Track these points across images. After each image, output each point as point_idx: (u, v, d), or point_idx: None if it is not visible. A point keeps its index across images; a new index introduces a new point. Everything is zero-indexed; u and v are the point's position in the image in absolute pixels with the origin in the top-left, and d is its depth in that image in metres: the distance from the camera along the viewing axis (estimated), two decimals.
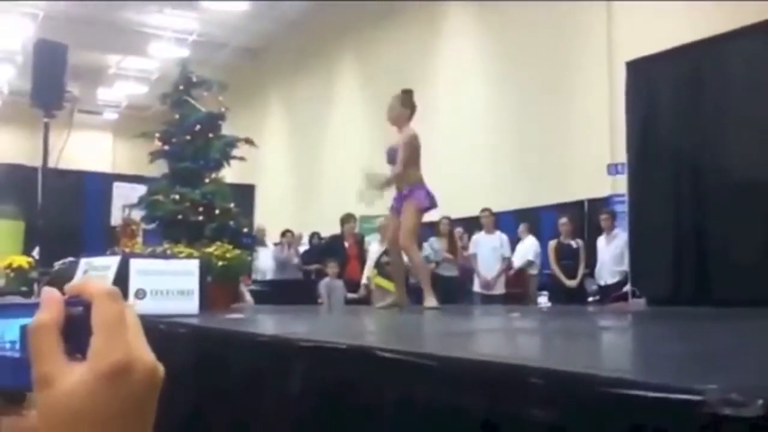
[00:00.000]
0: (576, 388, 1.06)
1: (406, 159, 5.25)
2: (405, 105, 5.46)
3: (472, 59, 13.82)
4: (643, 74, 6.66)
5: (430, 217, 9.66)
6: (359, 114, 16.07)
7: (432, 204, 5.35)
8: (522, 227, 10.18)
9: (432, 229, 10.04)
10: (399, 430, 1.38)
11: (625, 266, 8.02)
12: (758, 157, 5.63)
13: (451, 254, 9.66)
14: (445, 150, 12.53)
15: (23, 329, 0.56)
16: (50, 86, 6.35)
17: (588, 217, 10.40)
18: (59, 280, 4.74)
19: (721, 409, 0.86)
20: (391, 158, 5.40)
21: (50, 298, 0.55)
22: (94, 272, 4.05)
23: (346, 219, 10.45)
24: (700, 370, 1.44)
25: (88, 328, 0.54)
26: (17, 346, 0.57)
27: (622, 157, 7.70)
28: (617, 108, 8.23)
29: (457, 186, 11.86)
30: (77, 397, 0.52)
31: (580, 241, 9.30)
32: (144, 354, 0.55)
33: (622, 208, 8.21)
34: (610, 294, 8.51)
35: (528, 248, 9.97)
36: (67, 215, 8.89)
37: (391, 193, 5.48)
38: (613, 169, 9.93)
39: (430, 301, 5.21)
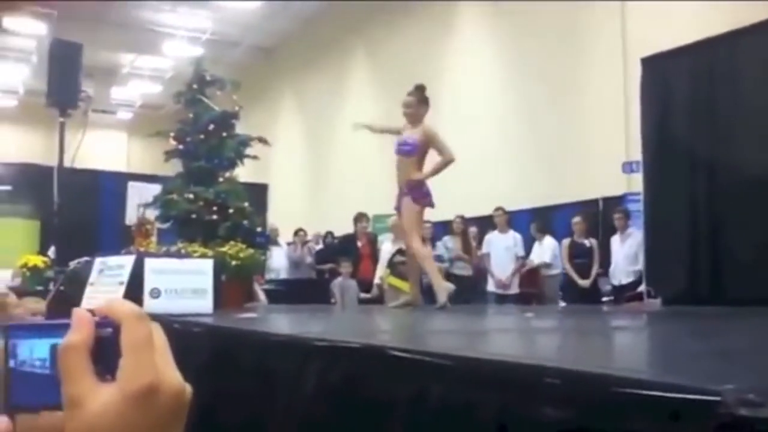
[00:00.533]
0: (591, 388, 1.05)
1: (444, 149, 5.46)
2: (424, 102, 5.54)
3: (484, 57, 13.78)
4: (658, 71, 6.62)
5: (443, 215, 9.70)
6: (371, 112, 16.04)
7: (428, 202, 5.43)
8: (534, 227, 10.09)
9: (446, 227, 10.03)
10: (412, 429, 1.38)
11: (640, 266, 7.97)
12: None
13: (465, 253, 9.65)
14: (457, 148, 12.43)
15: (53, 348, 0.56)
16: (65, 86, 6.40)
17: (602, 216, 10.34)
18: (75, 279, 4.77)
19: (737, 410, 0.85)
20: (405, 151, 5.44)
21: (81, 320, 0.56)
22: (109, 272, 4.08)
23: (359, 218, 10.46)
24: (717, 370, 1.43)
25: (117, 349, 0.55)
26: (47, 363, 0.57)
27: (637, 155, 7.65)
28: (632, 106, 8.19)
29: (471, 185, 11.83)
30: (106, 418, 0.53)
31: (593, 240, 9.25)
32: (172, 376, 0.56)
33: (637, 207, 8.15)
34: (624, 294, 8.45)
35: (545, 249, 9.89)
36: (82, 214, 8.95)
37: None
38: (627, 167, 9.87)
39: (442, 296, 5.18)
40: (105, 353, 0.55)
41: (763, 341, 2.40)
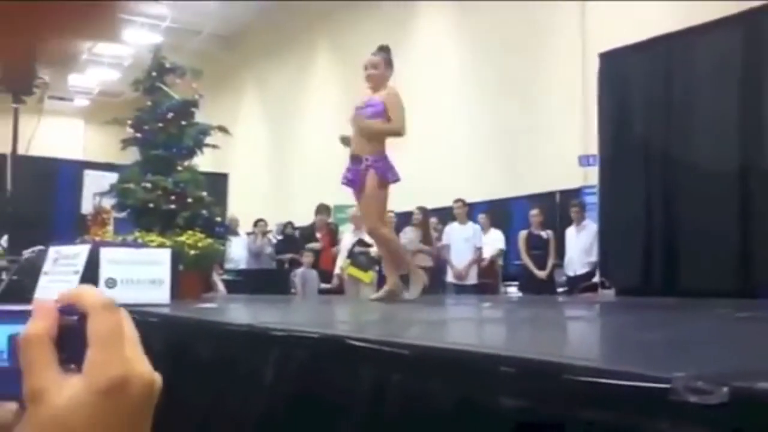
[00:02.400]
0: (545, 376, 1.07)
1: (399, 119, 4.92)
2: (389, 64, 5.18)
3: (447, 50, 13.83)
4: (616, 66, 6.72)
5: (404, 206, 9.73)
6: (334, 102, 16.01)
7: (395, 177, 4.94)
8: (483, 218, 10.21)
9: (407, 218, 10.06)
10: (371, 418, 1.39)
11: (594, 257, 8.10)
12: (727, 148, 5.72)
13: (426, 244, 9.70)
14: (418, 141, 12.52)
15: (12, 338, 0.53)
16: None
17: (559, 209, 10.48)
18: (28, 269, 4.68)
19: (687, 397, 0.87)
20: (370, 114, 4.99)
21: (43, 307, 0.53)
22: (64, 261, 4.01)
23: (320, 209, 10.44)
24: (667, 358, 1.46)
25: (83, 338, 0.52)
26: (5, 355, 0.54)
27: (594, 149, 7.77)
28: (590, 100, 8.30)
29: (431, 177, 11.89)
30: (73, 412, 0.50)
31: (550, 232, 9.38)
32: (142, 367, 0.54)
33: (593, 200, 8.28)
34: (579, 284, 8.59)
35: (493, 240, 10.06)
36: (36, 203, 8.77)
37: None
38: (584, 160, 10.01)
39: (416, 289, 4.90)
40: (69, 342, 0.53)
41: (713, 331, 2.46)
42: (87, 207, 7.80)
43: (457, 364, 1.24)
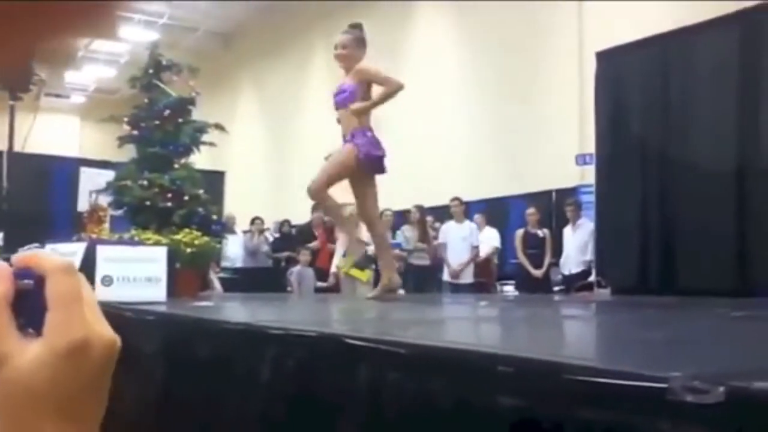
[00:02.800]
0: (542, 375, 1.07)
1: (383, 79, 4.65)
2: (361, 43, 4.91)
3: (444, 49, 13.82)
4: (613, 64, 6.72)
5: (401, 205, 9.73)
6: (330, 100, 16.03)
7: (379, 152, 4.61)
8: (479, 217, 10.22)
9: (403, 217, 10.07)
10: (368, 418, 1.39)
11: (590, 256, 8.12)
12: (724, 148, 5.72)
13: (423, 243, 9.70)
14: (416, 140, 12.54)
15: None
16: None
17: (555, 207, 10.50)
18: None
19: (683, 396, 0.87)
20: (341, 100, 4.81)
21: None
22: None
23: (316, 207, 10.43)
24: (664, 358, 1.46)
25: (41, 302, 0.52)
26: None
27: (590, 148, 7.77)
28: (587, 99, 8.30)
29: (429, 175, 11.89)
30: (35, 376, 0.50)
31: (546, 231, 9.39)
32: (102, 329, 0.54)
33: (589, 198, 8.29)
34: (575, 283, 8.60)
35: (489, 239, 10.08)
36: (32, 200, 8.75)
37: None
38: (581, 159, 10.03)
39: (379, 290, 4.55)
40: (27, 307, 0.52)
41: (710, 330, 2.47)
42: (83, 204, 7.78)
43: (454, 364, 1.24)
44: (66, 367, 0.51)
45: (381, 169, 4.70)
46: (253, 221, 11.57)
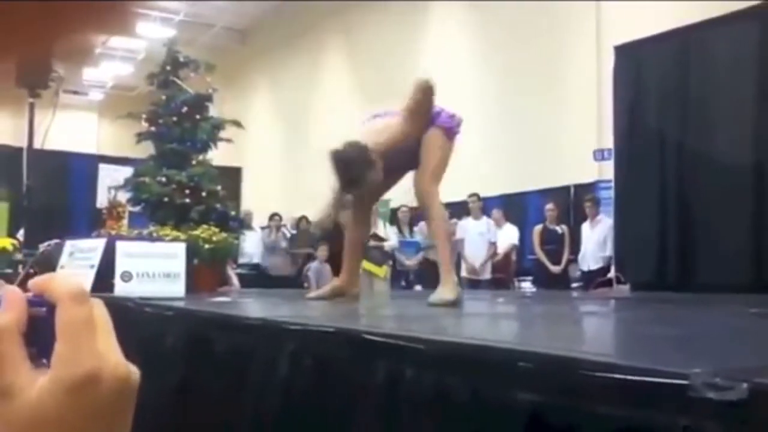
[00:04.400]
0: (562, 371, 1.07)
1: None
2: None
3: (460, 44, 13.78)
4: (631, 59, 6.67)
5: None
6: (346, 96, 16.01)
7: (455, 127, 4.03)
8: (496, 213, 10.17)
9: (420, 213, 10.05)
10: (386, 412, 1.39)
11: (609, 252, 8.06)
12: (743, 142, 5.67)
13: None
14: None
15: None
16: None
17: (574, 203, 10.44)
18: (44, 262, 4.72)
19: (705, 393, 0.87)
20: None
21: (13, 297, 0.51)
22: (80, 254, 4.04)
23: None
24: (685, 354, 1.45)
25: (53, 331, 0.49)
26: None
27: (608, 143, 7.72)
28: (605, 94, 8.24)
29: (446, 171, 11.85)
30: (44, 409, 0.48)
31: (564, 227, 9.34)
32: (114, 359, 0.51)
33: (608, 194, 8.24)
34: (593, 279, 8.56)
35: (507, 235, 10.04)
36: (52, 196, 8.84)
37: None
38: (599, 154, 9.96)
39: (446, 291, 3.54)
40: (40, 335, 0.50)
41: (729, 327, 2.45)
42: (102, 201, 7.85)
43: (473, 359, 1.24)
44: (72, 401, 0.48)
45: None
46: (271, 217, 11.60)
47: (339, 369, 1.58)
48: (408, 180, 4.77)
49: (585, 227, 9.09)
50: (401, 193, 5.00)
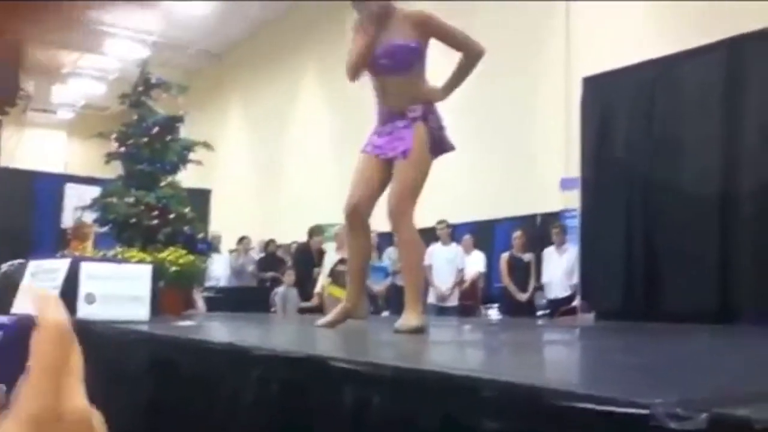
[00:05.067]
0: (525, 400, 1.07)
1: (459, 41, 3.45)
2: None
3: (432, 70, 13.90)
4: (599, 90, 6.77)
5: (387, 226, 9.68)
6: (321, 121, 16.05)
7: (450, 144, 3.77)
8: (467, 240, 10.22)
9: (389, 239, 10.06)
10: None
11: (575, 280, 8.13)
12: (710, 173, 5.77)
13: None
14: None
15: None
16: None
17: (540, 231, 10.52)
18: (6, 282, 4.63)
19: (666, 423, 0.88)
20: (405, 61, 3.65)
21: None
22: (43, 275, 3.97)
23: (315, 231, 10.38)
24: (647, 384, 1.46)
25: (15, 355, 0.48)
26: None
27: (575, 172, 7.81)
28: (572, 124, 8.36)
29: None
30: None
31: (530, 255, 9.41)
32: (77, 403, 0.50)
33: (574, 223, 8.32)
34: (559, 307, 8.61)
35: (475, 262, 10.09)
36: (16, 216, 8.69)
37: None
38: (566, 183, 10.07)
39: (411, 318, 3.31)
40: (4, 360, 0.49)
41: (693, 356, 2.48)
42: (67, 221, 7.74)
43: (439, 387, 1.24)
44: None
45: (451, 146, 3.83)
46: (240, 240, 11.53)
47: (303, 394, 1.57)
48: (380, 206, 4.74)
49: (549, 254, 9.16)
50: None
